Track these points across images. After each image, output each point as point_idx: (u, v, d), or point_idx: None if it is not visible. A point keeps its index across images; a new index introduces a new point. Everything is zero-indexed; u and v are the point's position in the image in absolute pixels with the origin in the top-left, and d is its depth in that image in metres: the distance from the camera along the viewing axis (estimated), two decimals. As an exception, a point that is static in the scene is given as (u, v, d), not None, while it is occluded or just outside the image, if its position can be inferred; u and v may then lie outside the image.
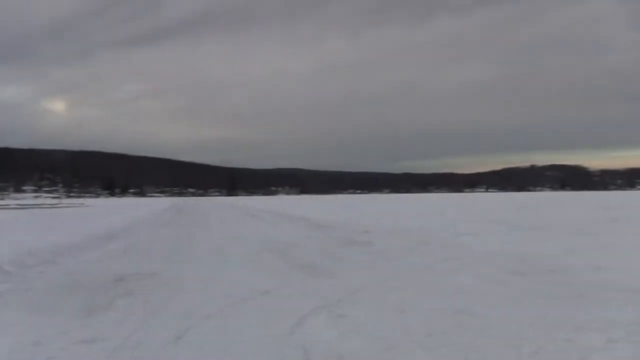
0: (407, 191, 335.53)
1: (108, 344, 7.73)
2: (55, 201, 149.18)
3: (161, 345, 7.61)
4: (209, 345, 7.61)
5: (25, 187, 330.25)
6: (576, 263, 14.57)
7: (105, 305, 10.24)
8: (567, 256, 16.05)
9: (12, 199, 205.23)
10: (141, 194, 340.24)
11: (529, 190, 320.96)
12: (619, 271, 13.09)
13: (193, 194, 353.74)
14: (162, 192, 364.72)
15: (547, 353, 6.90)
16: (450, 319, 8.62)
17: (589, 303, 9.63)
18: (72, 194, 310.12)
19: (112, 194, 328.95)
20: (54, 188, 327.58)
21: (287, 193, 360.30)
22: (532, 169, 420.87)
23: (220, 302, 10.29)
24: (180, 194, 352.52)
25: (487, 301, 9.87)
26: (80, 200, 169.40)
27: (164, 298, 10.80)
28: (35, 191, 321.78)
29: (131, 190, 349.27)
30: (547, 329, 7.95)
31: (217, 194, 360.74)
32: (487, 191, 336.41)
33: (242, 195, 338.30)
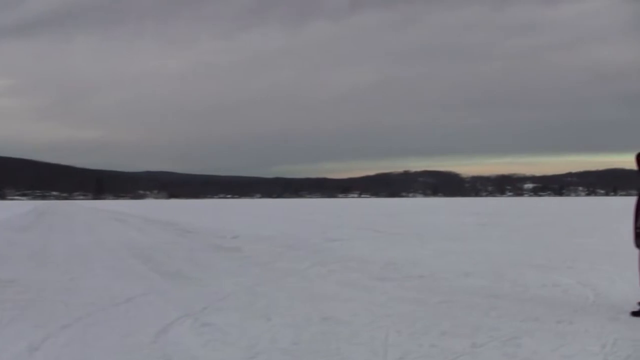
0: (279, 196, 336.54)
1: (-44, 357, 7.43)
2: None
3: (14, 358, 7.37)
4: (66, 356, 7.41)
5: None
6: (444, 268, 14.98)
7: (-46, 315, 9.83)
8: (436, 262, 16.48)
9: None
10: (1, 196, 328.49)
11: (402, 196, 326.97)
12: (485, 277, 13.53)
13: (57, 197, 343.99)
14: (23, 194, 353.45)
15: (412, 359, 7.05)
16: (317, 326, 8.68)
17: (456, 308, 9.91)
18: None
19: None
20: None
21: (156, 197, 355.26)
22: (406, 175, 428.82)
23: (81, 310, 10.05)
24: (43, 197, 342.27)
25: (355, 307, 10.00)
26: None
27: (21, 306, 10.46)
28: None
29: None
30: (414, 335, 8.11)
31: (83, 197, 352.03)
32: (360, 197, 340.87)
33: (109, 198, 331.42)
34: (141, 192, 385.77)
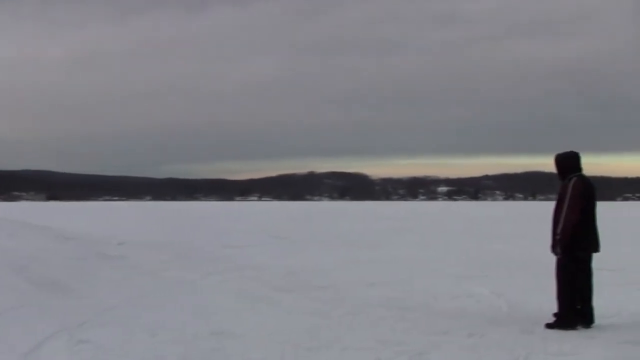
0: (172, 198, 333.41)
1: None
2: None
3: None
4: None
5: None
6: (350, 278, 15.09)
7: None
8: (341, 271, 16.59)
9: None
10: None
11: (306, 200, 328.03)
12: (394, 287, 13.67)
13: None
14: None
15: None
16: (207, 341, 8.62)
17: (361, 321, 9.98)
18: None
19: None
20: None
21: (33, 199, 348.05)
22: (311, 176, 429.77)
23: (-62, 328, 9.74)
24: None
25: (250, 321, 9.98)
26: None
27: None
28: None
29: None
30: (313, 350, 8.14)
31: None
32: (260, 200, 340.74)
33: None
34: (16, 193, 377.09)
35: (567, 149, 9.99)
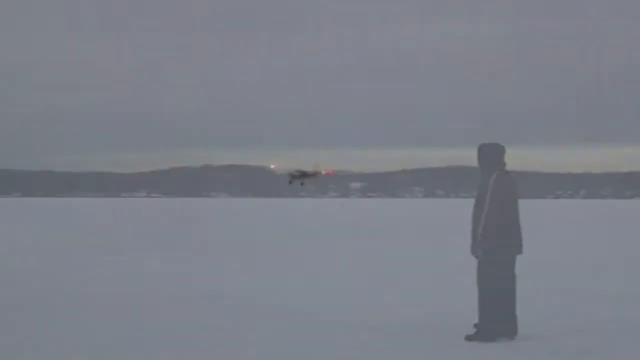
0: (47, 194, 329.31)
1: None
2: None
3: None
4: None
5: None
6: (245, 286, 15.24)
7: None
8: (236, 278, 16.76)
9: None
10: None
11: (201, 196, 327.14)
12: (294, 296, 13.75)
13: None
14: None
15: None
16: None
17: (254, 335, 9.92)
18: None
19: None
20: None
21: None
22: (206, 170, 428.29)
23: None
24: None
25: (128, 337, 9.83)
26: None
27: None
28: None
29: None
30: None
31: None
32: (149, 196, 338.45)
33: None
34: None
35: (493, 141, 10.05)
